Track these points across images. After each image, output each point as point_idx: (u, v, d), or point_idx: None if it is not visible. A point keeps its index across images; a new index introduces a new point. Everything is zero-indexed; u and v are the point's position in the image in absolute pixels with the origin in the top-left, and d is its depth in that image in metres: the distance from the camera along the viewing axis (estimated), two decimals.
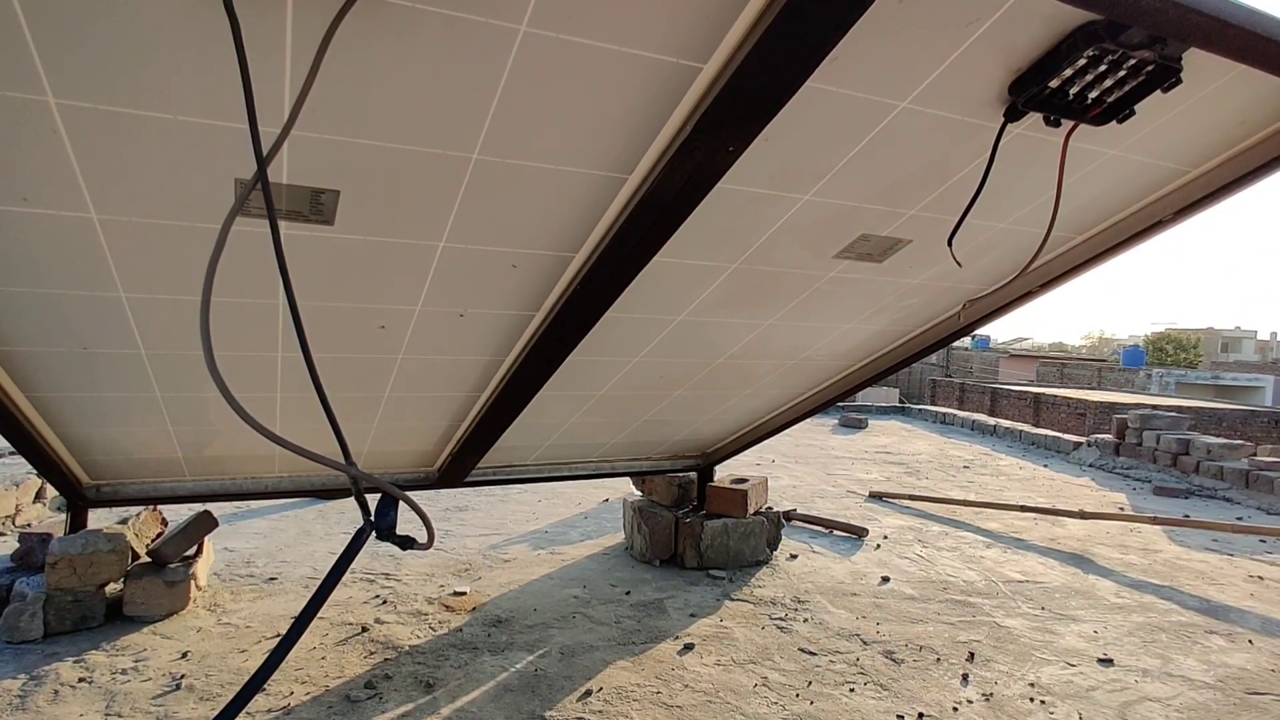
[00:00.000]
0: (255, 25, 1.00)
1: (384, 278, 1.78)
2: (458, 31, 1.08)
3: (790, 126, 1.38)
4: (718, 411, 3.41)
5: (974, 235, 2.01)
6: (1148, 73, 1.32)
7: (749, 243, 1.89)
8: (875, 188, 1.73)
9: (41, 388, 2.09)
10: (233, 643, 2.83)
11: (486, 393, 2.52)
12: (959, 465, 8.11)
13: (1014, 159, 1.65)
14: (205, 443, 2.62)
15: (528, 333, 2.13)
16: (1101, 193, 1.93)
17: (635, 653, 2.87)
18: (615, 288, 1.79)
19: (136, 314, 1.79)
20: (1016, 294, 2.44)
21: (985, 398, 20.97)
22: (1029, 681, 2.75)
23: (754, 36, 1.09)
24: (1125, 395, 22.36)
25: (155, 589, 3.02)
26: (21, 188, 1.33)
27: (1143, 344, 52.82)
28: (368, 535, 1.09)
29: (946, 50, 1.28)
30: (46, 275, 1.61)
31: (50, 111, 1.15)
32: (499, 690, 2.52)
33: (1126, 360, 37.22)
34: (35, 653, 2.68)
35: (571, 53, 1.15)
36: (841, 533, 4.85)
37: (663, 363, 2.60)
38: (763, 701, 2.52)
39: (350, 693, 2.45)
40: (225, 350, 1.96)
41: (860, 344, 2.88)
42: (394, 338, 2.06)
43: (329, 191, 1.44)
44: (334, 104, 1.20)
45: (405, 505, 1.12)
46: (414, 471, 3.22)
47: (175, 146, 1.26)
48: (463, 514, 5.04)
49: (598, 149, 1.41)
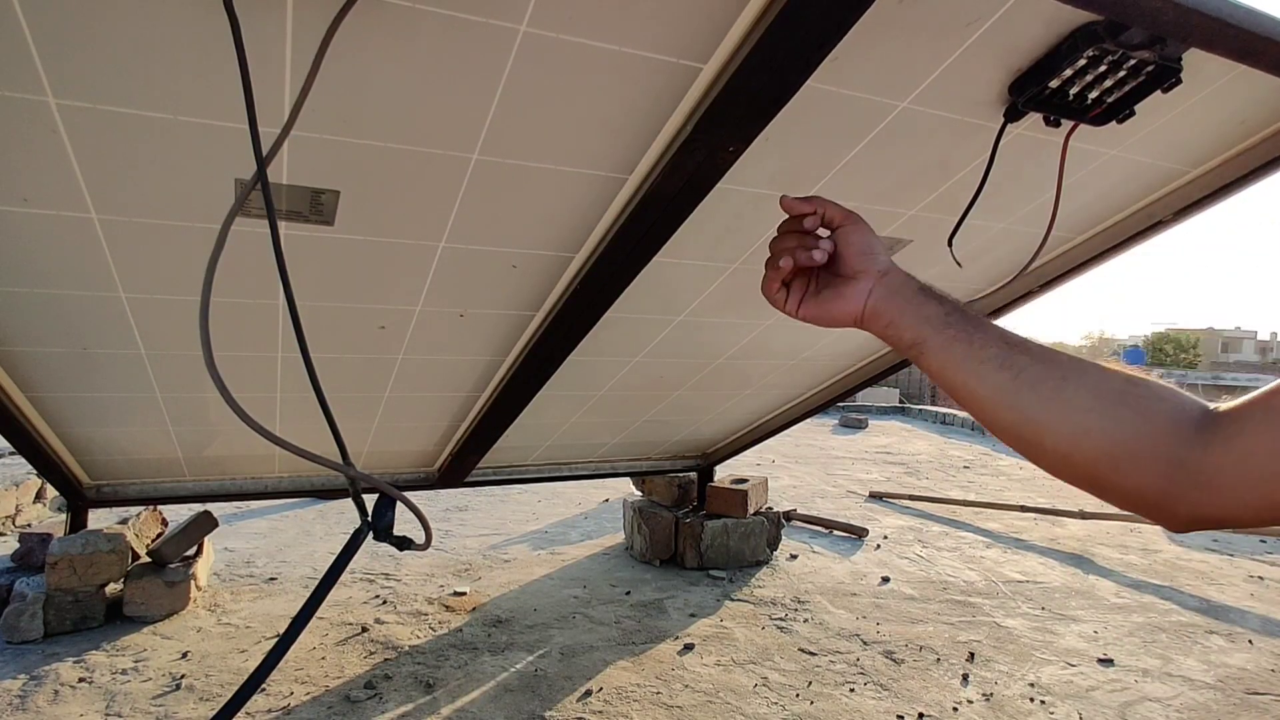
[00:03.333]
0: (255, 25, 1.00)
1: (384, 278, 1.78)
2: (457, 32, 1.08)
3: (791, 126, 1.37)
4: (718, 412, 3.41)
5: (974, 235, 2.01)
6: (1147, 73, 1.32)
7: (750, 243, 1.88)
8: (875, 188, 1.73)
9: (42, 388, 2.09)
10: (233, 643, 2.83)
11: (486, 393, 2.52)
12: (959, 465, 8.11)
13: (1014, 159, 1.65)
14: (205, 443, 2.62)
15: (528, 333, 2.13)
16: (1101, 193, 1.93)
17: (635, 653, 2.87)
18: (615, 288, 1.78)
19: (137, 314, 1.79)
20: (1016, 294, 2.44)
21: None
22: (1029, 681, 2.75)
23: (754, 36, 1.09)
24: None
25: (155, 589, 3.02)
26: (22, 188, 1.33)
27: (1143, 344, 52.83)
28: (365, 536, 1.09)
29: (946, 50, 1.28)
30: (47, 275, 1.61)
31: (50, 112, 1.15)
32: (499, 690, 2.52)
33: (1126, 360, 37.16)
34: (35, 653, 2.68)
35: (571, 53, 1.15)
36: (841, 533, 4.85)
37: (663, 363, 2.60)
38: (763, 702, 2.52)
39: (350, 693, 2.45)
40: (225, 351, 1.96)
41: (860, 344, 2.88)
42: (394, 338, 2.06)
43: (329, 192, 1.43)
44: (334, 104, 1.20)
45: (403, 505, 1.12)
46: (414, 472, 3.21)
47: (175, 147, 1.26)
48: (463, 514, 5.05)
49: (598, 149, 1.41)
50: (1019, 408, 0.79)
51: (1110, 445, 0.75)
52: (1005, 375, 0.80)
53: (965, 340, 0.84)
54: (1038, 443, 0.79)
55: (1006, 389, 0.80)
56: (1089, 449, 0.76)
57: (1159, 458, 0.73)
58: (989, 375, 0.81)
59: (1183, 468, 0.71)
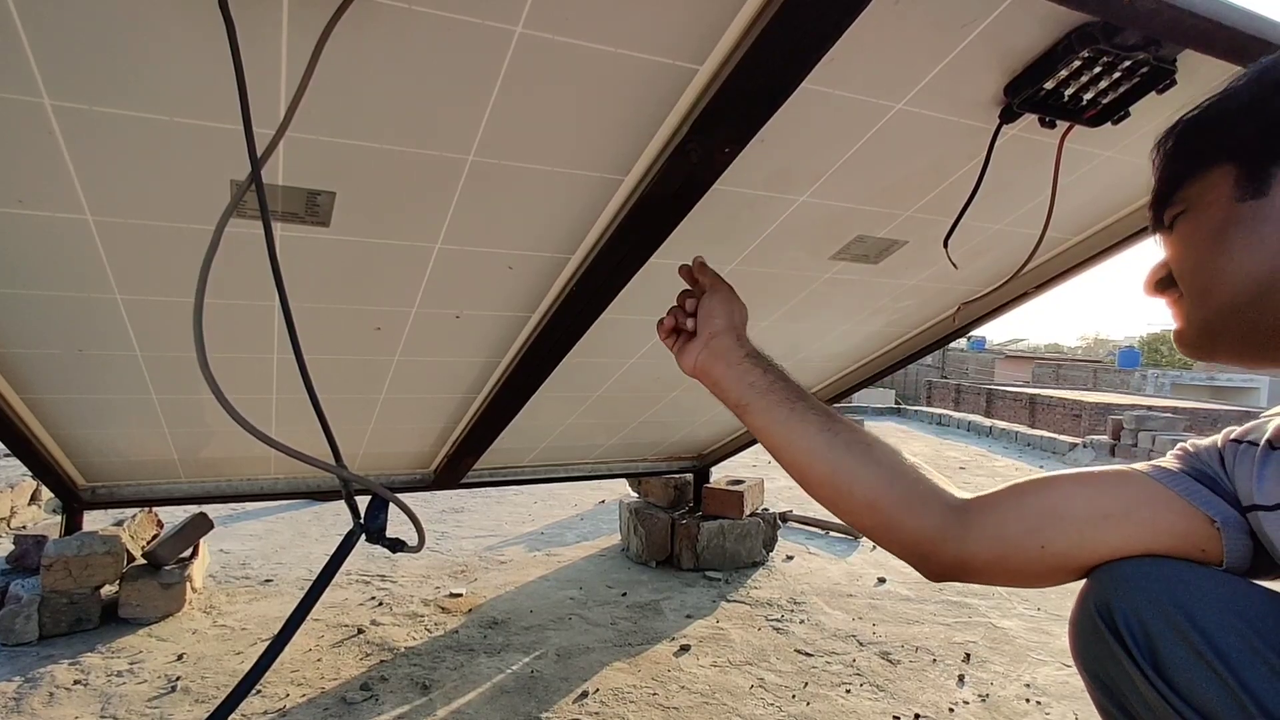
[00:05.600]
0: (250, 26, 1.00)
1: (380, 279, 1.78)
2: (453, 33, 1.08)
3: (786, 128, 1.38)
4: (714, 413, 3.41)
5: (969, 237, 2.01)
6: (1142, 75, 1.33)
7: (745, 244, 1.89)
8: (871, 189, 1.73)
9: (37, 389, 2.08)
10: (228, 645, 2.82)
11: (482, 394, 2.52)
12: (955, 466, 8.13)
13: (1009, 161, 1.66)
14: (201, 444, 2.62)
15: (524, 334, 2.13)
16: (1097, 194, 1.94)
17: (632, 654, 2.87)
18: (611, 289, 1.79)
19: (132, 316, 1.78)
20: (1012, 295, 2.44)
21: (981, 399, 21.01)
22: (1025, 682, 2.75)
23: (750, 38, 1.09)
24: (1121, 396, 22.40)
25: (151, 591, 3.01)
26: (17, 190, 1.33)
27: (1138, 345, 52.96)
28: (357, 538, 1.09)
29: (942, 52, 1.28)
30: (42, 277, 1.61)
31: (46, 113, 1.14)
32: (495, 692, 2.52)
33: (1122, 361, 37.32)
34: (30, 655, 2.67)
35: (567, 54, 1.15)
36: (838, 534, 4.86)
37: (659, 364, 2.60)
38: (759, 703, 2.52)
39: (346, 694, 2.45)
40: (221, 352, 1.95)
41: (856, 345, 2.89)
42: (390, 340, 2.06)
43: (325, 193, 1.43)
44: (330, 105, 1.20)
45: (396, 507, 1.12)
46: (410, 473, 3.21)
47: (171, 148, 1.26)
48: (459, 515, 5.04)
49: (594, 150, 1.41)
50: (834, 462, 0.98)
51: (908, 492, 0.95)
52: (824, 436, 0.99)
53: (789, 406, 1.03)
54: (848, 490, 0.98)
55: (825, 446, 0.99)
56: (892, 495, 0.95)
57: (941, 507, 0.95)
58: (812, 435, 1.00)
59: (957, 520, 0.94)
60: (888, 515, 0.95)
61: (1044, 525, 0.89)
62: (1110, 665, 0.84)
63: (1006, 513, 0.92)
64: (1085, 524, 0.87)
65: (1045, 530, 0.88)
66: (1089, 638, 0.87)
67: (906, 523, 0.94)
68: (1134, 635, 0.80)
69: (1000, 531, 0.91)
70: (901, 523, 0.94)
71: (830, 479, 0.98)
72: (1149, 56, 1.28)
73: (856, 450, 0.97)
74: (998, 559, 0.91)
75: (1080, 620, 0.90)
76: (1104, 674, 0.86)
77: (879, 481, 0.95)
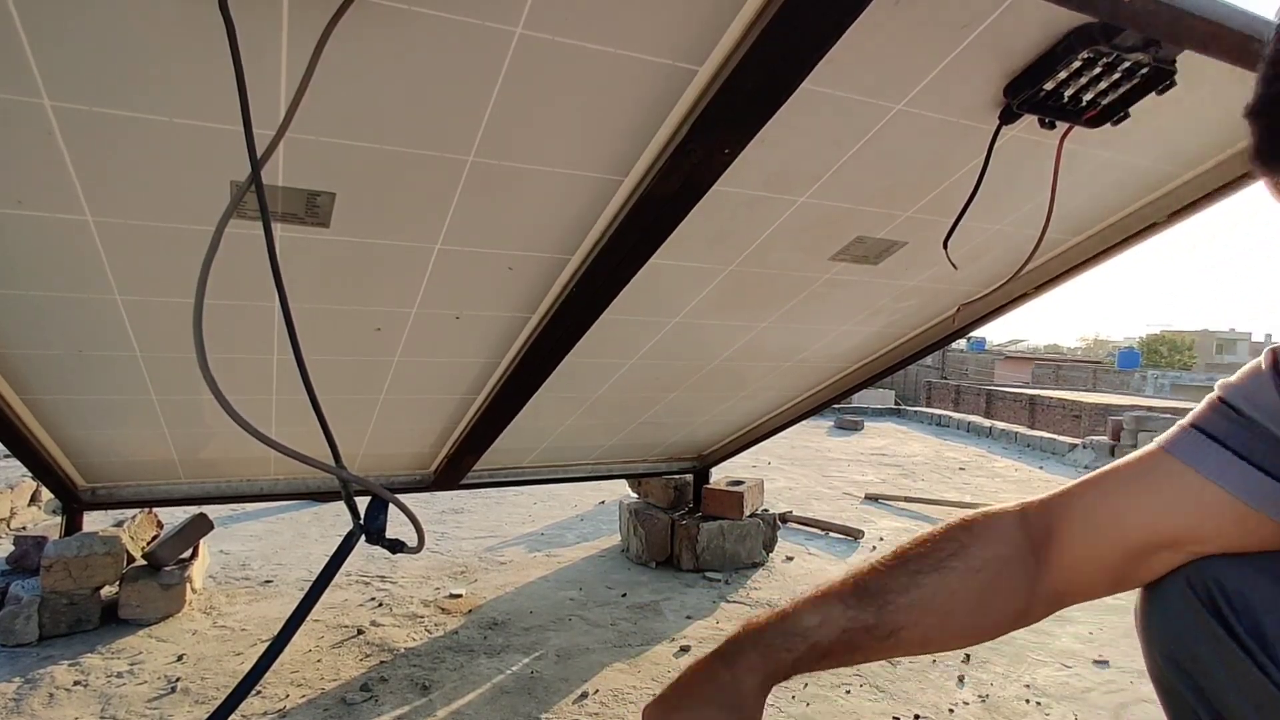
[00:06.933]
0: (250, 27, 1.00)
1: (380, 280, 1.78)
2: (453, 34, 1.08)
3: (786, 129, 1.38)
4: (714, 414, 3.41)
5: (969, 238, 2.01)
6: (1142, 75, 1.33)
7: (745, 245, 1.89)
8: (871, 190, 1.73)
9: (37, 390, 2.08)
10: (228, 646, 2.82)
11: (482, 395, 2.52)
12: (955, 467, 8.13)
13: (1009, 162, 1.66)
14: (201, 445, 2.62)
15: (524, 335, 2.13)
16: (1096, 195, 1.94)
17: (631, 655, 2.86)
18: (611, 290, 1.79)
19: (132, 317, 1.78)
20: (1011, 296, 2.44)
21: (981, 400, 21.00)
22: (1024, 683, 2.75)
23: (750, 39, 1.09)
24: (1120, 397, 22.38)
25: (151, 592, 3.01)
26: (17, 191, 1.33)
27: (1138, 346, 52.96)
28: (357, 539, 1.09)
29: (942, 53, 1.28)
30: (42, 278, 1.61)
31: (46, 114, 1.15)
32: (495, 692, 2.52)
33: (1122, 362, 37.32)
34: (30, 656, 2.67)
35: (567, 55, 1.15)
36: (837, 534, 4.85)
37: (659, 365, 2.60)
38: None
39: (346, 695, 2.45)
40: (221, 353, 1.95)
41: (856, 346, 2.89)
42: (390, 340, 2.06)
43: (325, 194, 1.43)
44: (330, 106, 1.20)
45: (396, 508, 1.12)
46: (410, 474, 3.21)
47: (171, 149, 1.26)
48: (459, 516, 5.04)
49: (593, 151, 1.41)
50: (919, 625, 0.93)
51: (980, 595, 0.95)
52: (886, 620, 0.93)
53: (848, 648, 0.94)
54: (947, 639, 0.97)
55: (897, 627, 0.93)
56: (972, 616, 0.95)
57: (1019, 592, 0.96)
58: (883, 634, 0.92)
59: (1032, 591, 0.96)
60: (983, 632, 0.97)
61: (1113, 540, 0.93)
62: (1200, 646, 0.81)
63: (1075, 553, 0.95)
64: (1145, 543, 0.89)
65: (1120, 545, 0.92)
66: (1175, 618, 0.85)
67: (1002, 625, 0.96)
68: (1237, 613, 0.78)
69: (1081, 576, 0.95)
70: (997, 626, 0.97)
71: (939, 635, 0.95)
72: (1148, 57, 1.28)
73: (913, 614, 0.92)
74: (1092, 591, 0.96)
75: (1163, 601, 0.87)
76: (1186, 656, 0.83)
77: (955, 618, 0.94)
